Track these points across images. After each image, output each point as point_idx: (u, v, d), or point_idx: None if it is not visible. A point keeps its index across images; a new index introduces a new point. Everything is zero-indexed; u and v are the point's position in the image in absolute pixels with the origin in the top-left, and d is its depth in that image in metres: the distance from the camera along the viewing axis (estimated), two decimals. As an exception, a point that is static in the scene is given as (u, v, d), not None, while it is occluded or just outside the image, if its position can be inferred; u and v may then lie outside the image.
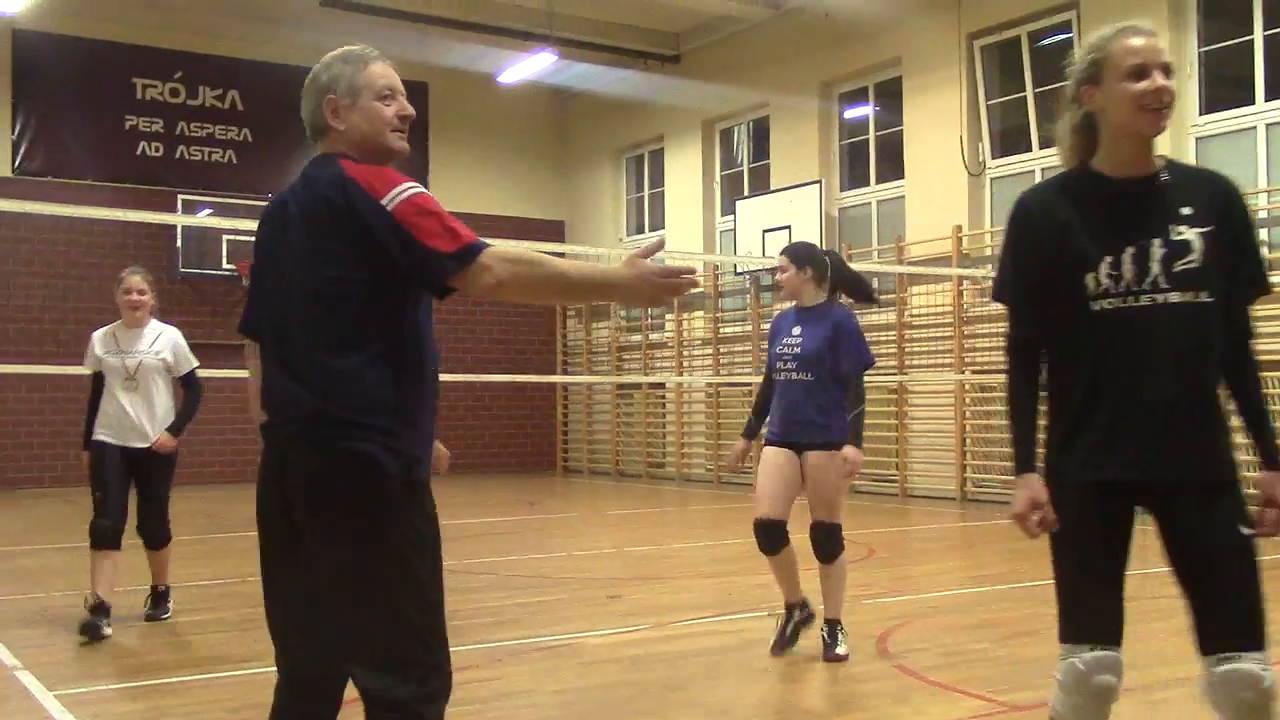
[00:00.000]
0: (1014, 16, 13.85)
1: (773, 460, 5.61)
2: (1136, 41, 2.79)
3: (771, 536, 5.54)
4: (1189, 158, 12.15)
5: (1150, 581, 3.99)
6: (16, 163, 16.97)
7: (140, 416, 6.37)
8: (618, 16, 17.67)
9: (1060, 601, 2.84)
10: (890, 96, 15.67)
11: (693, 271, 2.69)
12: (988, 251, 14.26)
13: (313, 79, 2.87)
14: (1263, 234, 11.66)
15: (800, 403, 5.54)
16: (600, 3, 17.04)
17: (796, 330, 5.62)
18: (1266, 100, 11.82)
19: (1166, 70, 2.79)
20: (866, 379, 5.55)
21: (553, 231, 20.44)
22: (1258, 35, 11.78)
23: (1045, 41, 13.84)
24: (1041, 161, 13.50)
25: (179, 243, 17.27)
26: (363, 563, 2.64)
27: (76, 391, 11.28)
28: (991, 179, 14.30)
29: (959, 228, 14.10)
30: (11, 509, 14.22)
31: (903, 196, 15.29)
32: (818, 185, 15.94)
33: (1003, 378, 2.96)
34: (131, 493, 6.48)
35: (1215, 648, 2.70)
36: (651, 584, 8.14)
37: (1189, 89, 12.18)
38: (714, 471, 17.47)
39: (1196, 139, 12.16)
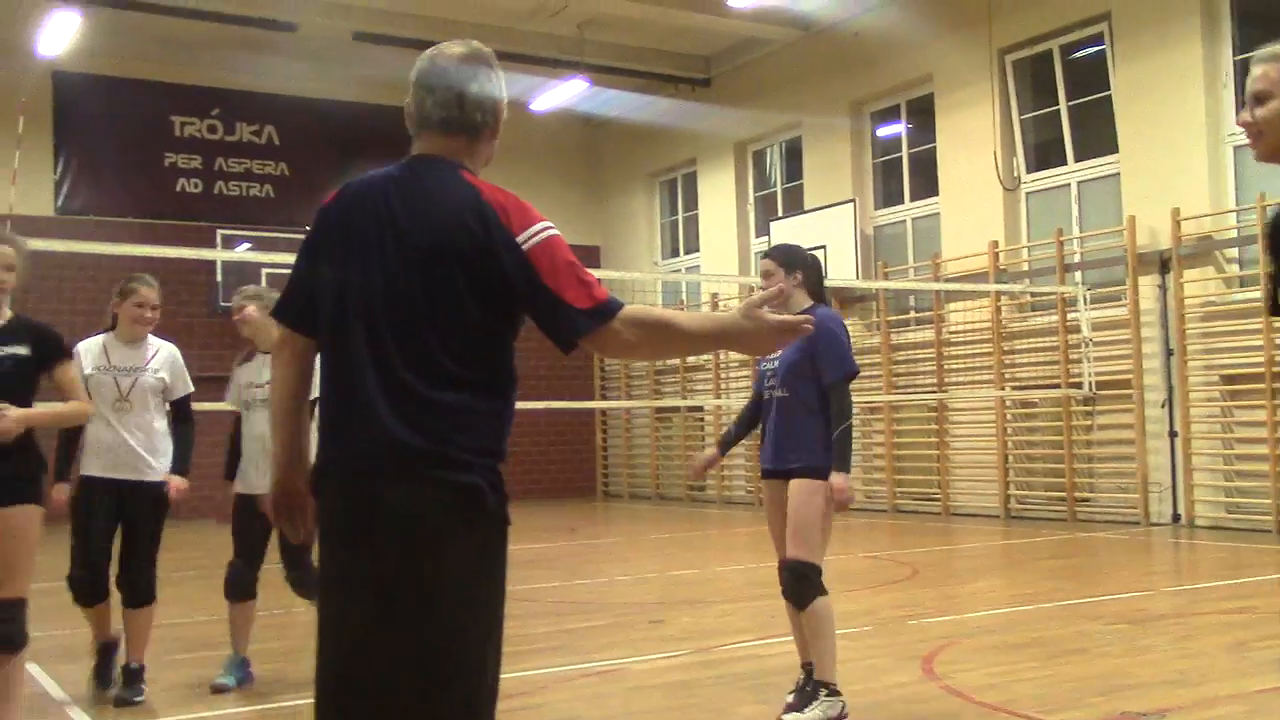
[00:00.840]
0: (1045, 30, 13.79)
1: (766, 498, 5.23)
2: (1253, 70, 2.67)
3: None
4: (1226, 168, 12.05)
5: (1203, 596, 3.93)
6: (59, 202, 17.26)
7: (137, 444, 5.52)
8: (648, 42, 17.77)
9: None
10: (922, 114, 15.66)
11: (811, 321, 2.58)
12: (1025, 266, 14.18)
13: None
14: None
15: (781, 423, 5.02)
16: (630, 29, 17.14)
17: None
18: (1305, 107, 11.68)
19: (1257, 99, 2.66)
20: (908, 396, 5.37)
21: (588, 257, 20.49)
22: (1294, 42, 11.66)
23: (1078, 54, 13.79)
24: (1077, 174, 13.24)
25: (219, 277, 17.48)
26: (458, 610, 2.42)
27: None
28: (1027, 194, 14.21)
29: (995, 243, 14.02)
30: (61, 543, 14.33)
31: (938, 213, 15.25)
32: (852, 204, 15.94)
33: (1042, 393, 2.92)
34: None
35: None
36: (695, 608, 8.11)
37: (1225, 99, 12.07)
38: (755, 493, 17.40)
39: (1234, 148, 12.04)
